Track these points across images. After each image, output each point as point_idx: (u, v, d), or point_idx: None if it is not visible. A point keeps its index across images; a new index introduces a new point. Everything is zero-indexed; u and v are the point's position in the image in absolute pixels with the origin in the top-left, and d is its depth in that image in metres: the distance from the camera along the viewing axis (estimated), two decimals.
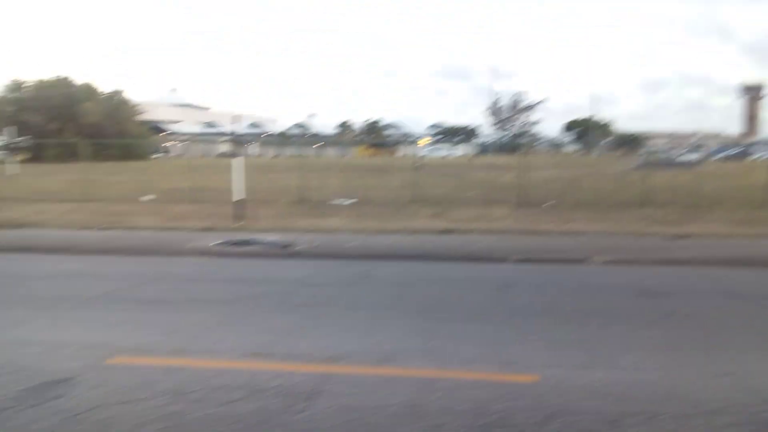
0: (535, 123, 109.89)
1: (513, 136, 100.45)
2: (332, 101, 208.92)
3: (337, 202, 19.20)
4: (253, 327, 7.29)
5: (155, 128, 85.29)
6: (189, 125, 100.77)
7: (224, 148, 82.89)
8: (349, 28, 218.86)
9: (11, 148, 50.40)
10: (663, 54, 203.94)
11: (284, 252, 11.90)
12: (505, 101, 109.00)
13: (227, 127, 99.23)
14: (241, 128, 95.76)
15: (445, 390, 5.40)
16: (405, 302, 8.40)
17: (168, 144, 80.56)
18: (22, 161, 41.67)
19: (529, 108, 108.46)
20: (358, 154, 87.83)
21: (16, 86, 67.95)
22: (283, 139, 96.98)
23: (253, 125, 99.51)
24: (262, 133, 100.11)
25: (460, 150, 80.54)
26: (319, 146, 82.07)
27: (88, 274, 10.48)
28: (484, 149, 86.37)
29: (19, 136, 54.89)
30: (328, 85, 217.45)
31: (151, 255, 12.09)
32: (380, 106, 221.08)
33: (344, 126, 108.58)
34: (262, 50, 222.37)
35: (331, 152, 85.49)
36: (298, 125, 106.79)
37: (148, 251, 12.30)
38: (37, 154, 54.85)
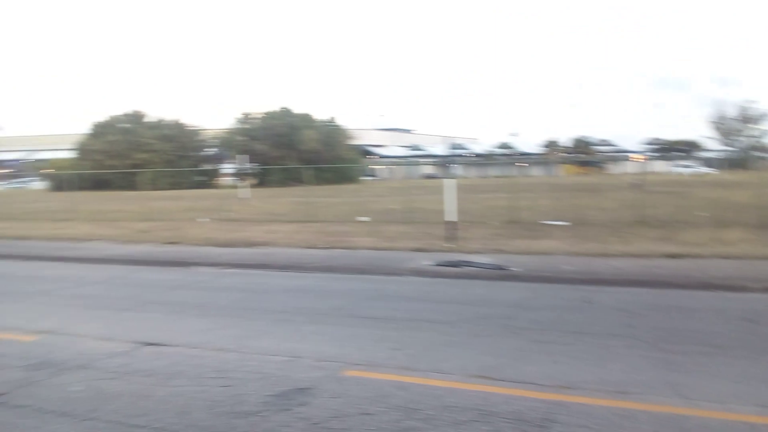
0: None
1: (744, 150, 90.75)
2: (536, 119, 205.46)
3: (549, 223, 18.67)
4: (478, 348, 7.25)
5: (365, 152, 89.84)
6: (395, 148, 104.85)
7: (429, 169, 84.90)
8: (551, 44, 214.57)
9: (242, 174, 56.02)
10: None
11: (499, 274, 11.77)
12: (732, 111, 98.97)
13: (431, 149, 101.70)
14: (445, 150, 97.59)
15: (695, 430, 4.92)
16: (635, 331, 7.86)
17: (376, 167, 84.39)
18: (251, 186, 45.99)
19: (762, 118, 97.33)
20: (566, 173, 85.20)
21: (246, 118, 75.43)
22: (486, 159, 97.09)
23: (456, 146, 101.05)
24: (466, 154, 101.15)
25: (683, 166, 74.70)
26: (524, 166, 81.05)
27: (316, 291, 11.17)
28: (710, 165, 79.14)
29: (248, 164, 60.87)
30: (531, 102, 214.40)
31: (370, 274, 12.60)
32: (588, 122, 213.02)
33: (550, 144, 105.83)
34: (462, 71, 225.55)
35: (537, 171, 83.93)
36: (501, 145, 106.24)
37: (367, 270, 12.83)
38: (262, 179, 60.30)
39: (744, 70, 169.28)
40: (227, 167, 72.60)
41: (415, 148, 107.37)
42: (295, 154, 67.40)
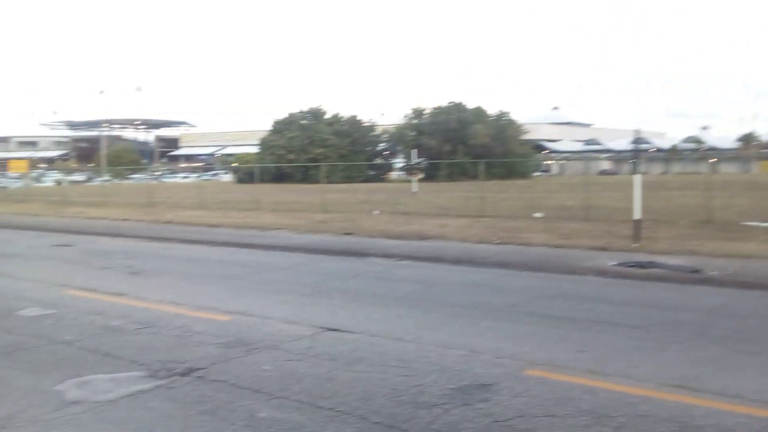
0: None
1: None
2: (732, 112, 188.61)
3: (750, 224, 16.95)
4: (673, 356, 6.68)
5: (537, 147, 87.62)
6: (570, 143, 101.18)
7: (606, 165, 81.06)
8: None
9: (412, 169, 56.96)
10: None
11: (692, 277, 10.83)
12: None
13: (609, 144, 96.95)
14: (626, 144, 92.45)
15: None
16: None
17: (549, 162, 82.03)
18: (420, 180, 46.58)
19: None
20: (766, 170, 77.36)
21: (417, 113, 76.50)
22: (672, 154, 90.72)
23: (639, 140, 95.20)
24: (648, 149, 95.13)
25: None
26: (715, 161, 74.69)
27: (491, 286, 10.96)
28: None
29: (417, 158, 61.74)
30: (727, 95, 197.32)
31: (547, 271, 12.15)
32: None
33: (747, 138, 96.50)
34: (650, 63, 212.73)
35: (730, 168, 77.01)
36: (691, 139, 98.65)
37: (544, 267, 12.39)
38: (430, 174, 60.86)
39: None
40: (398, 161, 74.19)
41: (591, 142, 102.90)
42: (464, 148, 67.27)
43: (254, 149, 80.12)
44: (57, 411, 5.43)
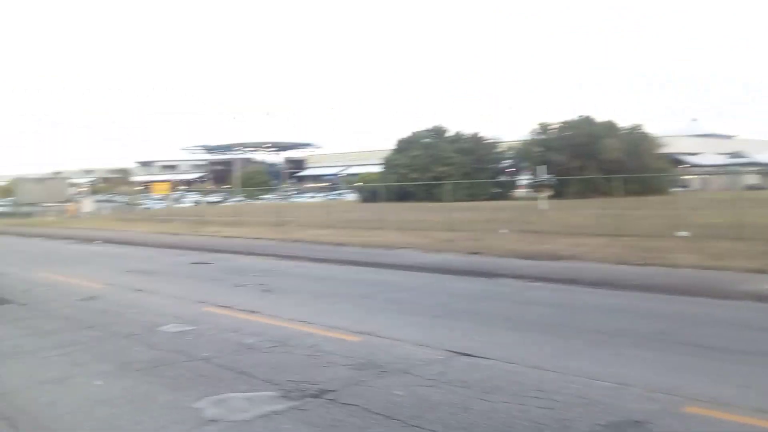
0: None
1: None
2: None
3: None
4: None
5: (675, 161, 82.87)
6: (711, 156, 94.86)
7: (753, 179, 75.08)
8: None
9: (539, 185, 55.42)
10: None
11: None
12: None
13: (757, 157, 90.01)
14: None
15: None
16: None
17: (688, 177, 77.23)
18: (549, 197, 45.07)
19: None
20: None
21: (543, 129, 74.61)
22: None
23: None
24: None
25: None
26: None
27: (636, 311, 10.18)
28: None
29: (546, 174, 60.05)
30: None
31: (698, 295, 11.16)
32: None
33: None
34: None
35: None
36: None
37: (694, 291, 11.41)
38: (559, 190, 58.90)
39: None
40: (523, 178, 72.57)
41: (736, 155, 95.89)
42: (595, 163, 64.66)
43: (377, 168, 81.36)
44: (195, 429, 5.47)
